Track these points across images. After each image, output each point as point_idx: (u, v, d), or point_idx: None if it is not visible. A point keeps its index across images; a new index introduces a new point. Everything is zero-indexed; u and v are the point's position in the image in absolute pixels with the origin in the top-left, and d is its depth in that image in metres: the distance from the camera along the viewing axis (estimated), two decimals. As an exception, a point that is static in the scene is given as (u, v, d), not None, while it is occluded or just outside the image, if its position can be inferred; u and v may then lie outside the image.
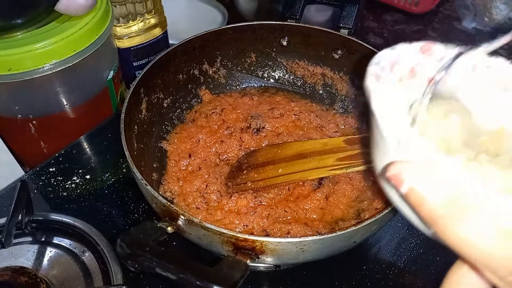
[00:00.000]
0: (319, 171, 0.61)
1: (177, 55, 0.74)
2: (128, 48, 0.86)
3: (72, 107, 0.75)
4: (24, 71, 0.65)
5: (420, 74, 0.39)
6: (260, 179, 0.64)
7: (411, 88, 0.39)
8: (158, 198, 0.51)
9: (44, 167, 0.74)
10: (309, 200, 0.64)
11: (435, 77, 0.38)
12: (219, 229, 0.48)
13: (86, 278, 0.61)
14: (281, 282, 0.63)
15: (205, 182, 0.66)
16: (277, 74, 0.85)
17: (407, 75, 0.39)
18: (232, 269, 0.46)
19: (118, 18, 0.82)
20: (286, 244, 0.48)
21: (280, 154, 0.66)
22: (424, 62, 0.39)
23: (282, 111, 0.77)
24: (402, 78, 0.39)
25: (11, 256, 0.62)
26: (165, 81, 0.74)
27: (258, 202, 0.63)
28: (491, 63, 0.40)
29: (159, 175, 0.68)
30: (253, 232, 0.61)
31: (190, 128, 0.74)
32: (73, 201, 0.71)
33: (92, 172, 0.75)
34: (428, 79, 0.39)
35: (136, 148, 0.65)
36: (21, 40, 0.65)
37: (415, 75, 0.39)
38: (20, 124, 0.74)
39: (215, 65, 0.81)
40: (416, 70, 0.39)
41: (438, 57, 0.39)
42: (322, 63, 0.81)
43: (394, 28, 1.21)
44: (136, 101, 0.67)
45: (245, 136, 0.72)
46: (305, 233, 0.60)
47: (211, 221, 0.61)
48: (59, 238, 0.65)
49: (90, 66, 0.74)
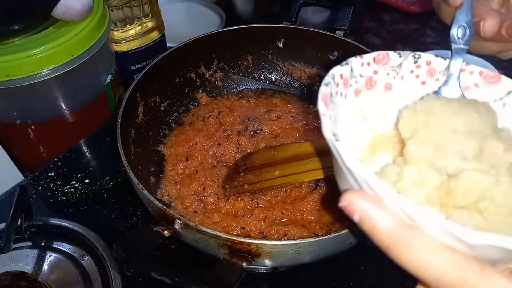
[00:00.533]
0: (316, 172, 0.61)
1: (174, 59, 0.74)
2: (125, 52, 0.87)
3: (71, 112, 0.76)
4: (22, 76, 0.65)
5: (379, 83, 0.40)
6: (257, 181, 0.64)
7: (370, 99, 0.40)
8: (154, 202, 0.51)
9: (43, 172, 0.75)
10: (306, 201, 0.64)
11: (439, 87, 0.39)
12: (214, 232, 0.48)
13: (85, 282, 0.61)
14: (279, 284, 0.63)
15: (202, 185, 0.66)
16: (273, 76, 0.86)
17: (364, 86, 0.40)
18: (228, 272, 0.46)
19: (115, 22, 0.82)
20: (282, 246, 0.48)
21: (277, 156, 0.66)
22: (381, 71, 0.40)
23: (279, 113, 0.77)
24: (359, 90, 0.39)
25: (11, 261, 0.63)
26: (161, 85, 0.75)
27: (255, 204, 0.64)
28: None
29: (156, 178, 0.69)
30: (250, 235, 0.61)
31: (187, 131, 0.75)
32: (72, 206, 0.71)
33: (91, 176, 0.75)
34: (385, 87, 0.41)
35: (133, 152, 0.65)
36: (19, 46, 0.66)
37: (373, 85, 0.40)
38: (19, 129, 0.74)
39: (212, 68, 0.82)
40: (373, 79, 0.40)
41: (394, 64, 0.40)
42: (319, 65, 0.81)
43: (392, 27, 1.21)
44: (132, 105, 0.67)
45: (242, 138, 0.73)
46: (302, 235, 0.60)
47: (208, 224, 0.61)
48: (59, 242, 0.65)
49: (88, 71, 0.74)
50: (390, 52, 0.40)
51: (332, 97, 0.36)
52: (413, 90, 0.41)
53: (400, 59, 0.40)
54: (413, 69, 0.41)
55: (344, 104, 0.38)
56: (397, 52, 0.40)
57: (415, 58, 0.40)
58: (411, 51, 0.41)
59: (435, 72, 0.41)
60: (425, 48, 1.05)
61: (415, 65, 0.41)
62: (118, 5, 0.81)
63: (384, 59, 0.40)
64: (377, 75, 0.40)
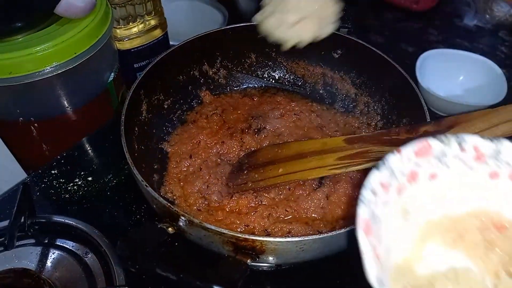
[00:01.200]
0: (319, 170, 0.61)
1: (177, 57, 0.74)
2: (128, 50, 0.87)
3: (73, 110, 0.76)
4: (25, 74, 0.65)
5: (422, 175, 0.38)
6: (261, 179, 0.64)
7: (414, 192, 0.38)
8: (158, 199, 0.51)
9: (46, 170, 0.75)
10: (309, 199, 0.64)
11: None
12: (219, 229, 0.48)
13: (89, 279, 0.61)
14: (283, 281, 0.63)
15: (206, 183, 0.66)
16: (277, 74, 0.85)
17: (407, 182, 0.37)
18: (233, 269, 0.46)
19: (118, 20, 0.82)
20: (286, 243, 0.48)
21: (280, 154, 0.66)
22: (423, 163, 0.38)
23: (283, 111, 0.77)
24: (401, 188, 0.37)
25: (15, 258, 0.63)
26: (165, 83, 0.75)
27: (259, 202, 0.63)
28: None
29: (160, 176, 0.69)
30: (254, 232, 0.61)
31: (190, 129, 0.75)
32: (76, 203, 0.71)
33: (94, 174, 0.75)
34: (430, 177, 0.38)
35: (136, 150, 0.65)
36: (22, 43, 0.66)
37: (416, 178, 0.38)
38: (21, 127, 0.74)
39: (215, 66, 0.82)
40: (416, 172, 0.38)
41: (437, 152, 0.38)
42: (322, 63, 0.81)
43: (395, 26, 1.21)
44: (136, 103, 0.67)
45: (245, 137, 0.73)
46: (306, 232, 0.60)
47: (212, 222, 0.61)
48: (62, 240, 0.65)
49: (91, 69, 0.74)
50: (431, 140, 0.38)
51: (374, 215, 0.34)
52: (461, 175, 0.39)
53: (443, 146, 0.38)
54: (459, 155, 0.38)
55: (387, 210, 0.36)
56: (439, 138, 0.38)
57: (459, 143, 0.38)
58: (454, 135, 0.38)
59: (483, 156, 0.39)
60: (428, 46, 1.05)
61: (460, 150, 0.38)
62: (121, 2, 0.81)
63: (425, 150, 0.38)
64: (420, 167, 0.38)
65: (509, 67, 1.04)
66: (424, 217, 0.39)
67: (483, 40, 1.14)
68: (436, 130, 0.55)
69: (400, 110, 0.71)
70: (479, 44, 1.13)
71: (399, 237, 0.38)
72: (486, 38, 1.14)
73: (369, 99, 0.77)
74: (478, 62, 1.01)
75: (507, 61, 1.07)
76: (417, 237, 0.39)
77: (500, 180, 0.39)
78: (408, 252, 0.39)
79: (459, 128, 0.53)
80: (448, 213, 0.40)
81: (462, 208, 0.40)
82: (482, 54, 1.02)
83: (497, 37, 1.15)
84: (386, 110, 0.74)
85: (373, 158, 0.58)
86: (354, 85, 0.79)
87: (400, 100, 0.71)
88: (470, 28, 1.17)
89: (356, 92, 0.79)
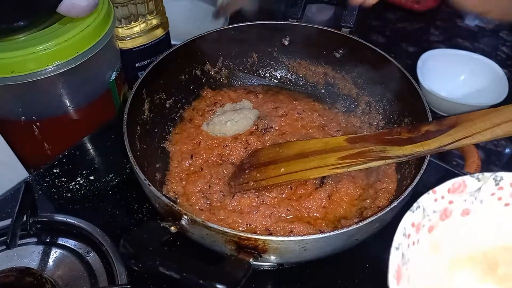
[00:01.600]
0: (321, 170, 0.61)
1: (179, 56, 0.74)
2: (130, 49, 0.87)
3: (75, 109, 0.76)
4: (27, 73, 0.65)
5: (455, 212, 0.37)
6: (263, 179, 0.64)
7: (445, 229, 0.37)
8: (161, 198, 0.51)
9: (48, 169, 0.75)
10: (311, 199, 0.64)
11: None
12: (221, 228, 0.48)
13: (91, 278, 0.61)
14: (285, 281, 0.63)
15: (208, 183, 0.66)
16: (279, 73, 0.85)
17: (439, 219, 0.37)
18: (235, 268, 0.46)
19: (120, 19, 0.82)
20: (288, 242, 0.48)
21: (282, 153, 0.66)
22: (456, 199, 0.37)
23: (286, 109, 0.77)
24: (433, 226, 0.36)
25: (17, 257, 0.63)
26: (167, 82, 0.75)
27: (261, 201, 0.63)
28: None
29: (162, 175, 0.69)
30: (256, 231, 0.61)
31: (189, 128, 0.75)
32: (77, 202, 0.71)
33: (96, 173, 0.75)
34: (462, 213, 0.37)
35: (139, 149, 0.65)
36: (24, 42, 0.66)
37: (449, 215, 0.37)
38: (23, 126, 0.74)
39: (217, 65, 0.82)
40: (449, 209, 0.37)
41: (472, 190, 0.37)
42: (324, 62, 0.81)
43: (396, 26, 1.21)
44: (138, 102, 0.67)
45: (249, 137, 0.72)
46: (307, 231, 0.60)
47: (214, 221, 0.61)
48: (64, 238, 0.65)
49: (93, 68, 0.74)
50: (467, 178, 0.37)
51: (404, 256, 0.33)
52: (494, 212, 0.39)
53: (478, 184, 0.37)
54: (494, 192, 0.38)
55: (417, 248, 0.36)
56: (475, 177, 0.37)
57: (496, 181, 0.38)
58: (492, 173, 0.38)
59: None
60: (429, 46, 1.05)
61: (497, 188, 0.38)
62: (123, 2, 0.81)
63: (460, 187, 0.37)
64: (453, 204, 0.37)
65: (511, 67, 1.04)
66: (456, 250, 0.39)
67: (484, 40, 1.14)
68: (438, 129, 0.55)
69: (401, 109, 0.71)
70: (480, 44, 1.13)
71: (429, 270, 0.37)
72: (488, 38, 1.14)
73: (370, 99, 0.77)
74: (479, 62, 1.01)
75: (508, 61, 1.07)
76: (448, 269, 0.39)
77: None
78: (439, 285, 0.38)
79: (460, 128, 0.53)
80: (480, 246, 0.39)
81: (494, 242, 0.40)
82: (483, 54, 1.02)
83: (498, 37, 1.15)
84: (388, 109, 0.74)
85: (375, 157, 0.58)
86: (355, 85, 0.79)
87: (401, 100, 0.71)
88: (471, 28, 1.18)
89: (358, 91, 0.79)
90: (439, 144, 0.54)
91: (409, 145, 0.56)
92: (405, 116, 0.70)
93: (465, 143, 0.53)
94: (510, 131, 0.51)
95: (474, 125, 0.53)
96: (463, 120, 0.54)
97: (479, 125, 0.53)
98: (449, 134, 0.54)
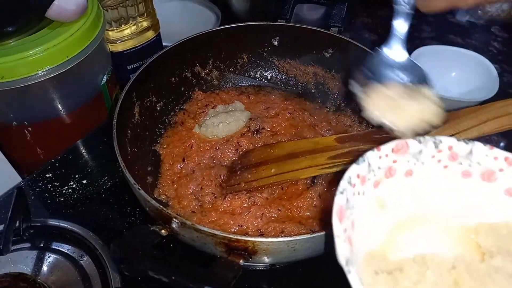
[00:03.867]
0: (311, 170, 0.62)
1: (168, 59, 0.74)
2: (121, 52, 0.87)
3: (67, 113, 0.76)
4: (18, 78, 0.65)
5: (399, 171, 0.40)
6: (254, 180, 0.65)
7: (390, 186, 0.40)
8: (151, 202, 0.51)
9: (41, 173, 0.75)
10: (302, 198, 0.64)
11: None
12: (211, 230, 0.48)
13: (84, 282, 0.61)
14: (278, 280, 0.64)
15: (200, 185, 0.66)
16: (269, 74, 0.86)
17: (384, 176, 0.39)
18: (225, 270, 0.46)
19: (110, 22, 0.82)
20: (278, 243, 0.49)
21: (273, 154, 0.66)
22: (400, 159, 0.40)
23: (277, 110, 0.77)
24: (379, 182, 0.39)
25: (10, 262, 0.63)
26: (157, 85, 0.75)
27: (252, 202, 0.64)
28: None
29: (154, 178, 0.69)
30: (248, 232, 0.61)
31: (180, 131, 0.75)
32: (71, 206, 0.71)
33: (89, 177, 0.75)
34: (406, 173, 0.40)
35: (129, 152, 0.65)
36: (13, 47, 0.66)
37: (393, 174, 0.40)
38: (15, 131, 0.74)
39: (207, 67, 0.82)
40: (393, 168, 0.40)
41: (414, 151, 0.40)
42: (314, 62, 0.81)
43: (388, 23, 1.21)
44: (128, 105, 0.67)
45: (241, 138, 0.73)
46: (299, 231, 0.60)
47: (206, 223, 0.61)
48: (58, 243, 0.65)
49: (84, 71, 0.74)
50: (409, 140, 0.40)
51: (348, 202, 0.36)
52: (435, 173, 0.41)
53: (420, 146, 0.40)
54: (434, 154, 0.40)
55: (362, 199, 0.38)
56: (417, 139, 0.40)
57: (435, 143, 0.40)
58: (431, 136, 0.40)
59: (457, 156, 0.41)
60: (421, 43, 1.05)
61: (436, 150, 0.40)
62: (113, 5, 0.81)
63: (403, 148, 0.39)
64: (397, 163, 0.40)
65: (502, 63, 1.05)
66: (402, 211, 0.41)
67: (475, 36, 1.14)
68: (425, 128, 0.56)
69: (391, 108, 0.71)
70: (471, 40, 1.14)
71: (375, 226, 0.40)
72: (479, 34, 1.14)
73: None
74: (470, 58, 1.01)
75: (499, 56, 1.07)
76: (393, 228, 0.41)
77: (472, 179, 0.41)
78: (383, 241, 0.41)
79: (447, 126, 0.54)
80: (423, 208, 0.41)
81: (435, 206, 0.42)
82: (475, 50, 1.02)
83: (489, 32, 1.15)
84: (378, 108, 0.74)
85: (364, 157, 0.58)
86: (345, 84, 0.79)
87: (391, 98, 0.71)
88: (462, 24, 1.18)
89: (348, 90, 0.79)
90: (427, 142, 0.54)
91: (397, 144, 0.57)
92: (395, 114, 0.70)
93: (452, 141, 0.53)
94: (496, 128, 0.51)
95: (461, 123, 0.53)
96: (450, 118, 0.54)
97: (466, 123, 0.53)
98: (436, 133, 0.54)
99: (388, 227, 0.41)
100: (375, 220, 0.40)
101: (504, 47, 1.09)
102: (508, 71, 1.05)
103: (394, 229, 0.41)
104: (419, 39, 1.14)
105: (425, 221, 0.41)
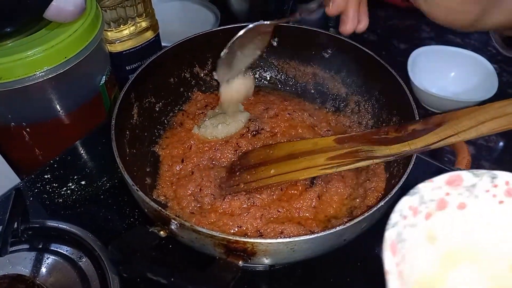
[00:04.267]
0: (310, 170, 0.61)
1: (168, 59, 0.74)
2: (120, 52, 0.87)
3: (66, 113, 0.76)
4: (16, 79, 0.65)
5: (451, 204, 0.39)
6: (253, 180, 0.64)
7: (441, 219, 0.39)
8: (149, 203, 0.51)
9: (39, 174, 0.75)
10: (302, 199, 0.64)
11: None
12: (210, 232, 0.48)
13: (83, 283, 0.61)
14: (277, 281, 0.64)
15: (199, 186, 0.66)
16: (268, 74, 0.86)
17: (436, 209, 0.38)
18: (224, 271, 0.46)
19: (109, 22, 0.82)
20: (277, 244, 0.49)
21: (272, 155, 0.66)
22: (453, 192, 0.38)
23: (277, 110, 0.77)
24: (430, 214, 0.38)
25: (9, 264, 0.63)
26: (156, 85, 0.74)
27: (251, 203, 0.64)
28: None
29: (152, 179, 0.69)
30: (247, 233, 0.61)
31: (179, 132, 0.75)
32: (69, 207, 0.71)
33: (87, 178, 0.75)
34: (458, 206, 0.39)
35: (128, 154, 0.65)
36: (12, 48, 0.66)
37: (445, 206, 0.39)
38: (14, 132, 0.74)
39: (206, 68, 0.82)
40: (445, 200, 0.38)
41: (467, 184, 0.39)
42: (313, 62, 0.81)
43: (387, 23, 1.21)
44: (127, 106, 0.67)
45: (240, 139, 0.72)
46: (298, 232, 0.60)
47: (205, 224, 0.61)
48: (56, 244, 0.65)
49: (82, 72, 0.74)
50: (463, 173, 0.39)
51: (400, 235, 0.35)
52: (489, 208, 0.40)
53: (474, 179, 0.39)
54: (489, 188, 0.39)
55: (414, 232, 0.37)
56: (472, 172, 0.39)
57: (491, 178, 0.39)
58: (487, 170, 0.39)
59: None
60: (420, 43, 1.05)
61: (492, 184, 0.39)
62: (111, 5, 0.81)
63: (456, 180, 0.38)
64: (449, 196, 0.39)
65: (501, 63, 1.05)
66: (451, 243, 0.40)
67: (474, 36, 1.14)
68: (424, 128, 0.56)
69: (390, 108, 0.71)
70: (470, 40, 1.14)
71: (424, 258, 0.39)
72: (478, 34, 1.15)
73: (359, 98, 0.77)
74: (469, 58, 1.01)
75: (498, 56, 1.08)
76: (443, 263, 0.40)
77: None
78: (433, 273, 0.39)
79: (446, 126, 0.54)
80: (475, 242, 0.40)
81: (489, 240, 0.41)
82: (474, 50, 1.02)
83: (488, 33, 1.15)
84: (377, 108, 0.74)
85: (363, 157, 0.58)
86: (344, 84, 0.79)
87: (390, 99, 0.71)
88: (462, 24, 1.18)
89: (347, 91, 0.79)
90: (426, 143, 0.54)
91: (396, 145, 0.56)
92: (394, 114, 0.70)
93: (451, 141, 0.53)
94: (494, 128, 0.51)
95: (460, 123, 0.53)
96: (449, 118, 0.54)
97: (465, 123, 0.53)
98: (435, 133, 0.54)
99: (437, 260, 0.40)
100: (425, 252, 0.39)
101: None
102: (507, 71, 1.05)
103: (443, 264, 0.40)
104: (418, 39, 1.15)
105: (476, 257, 0.40)
